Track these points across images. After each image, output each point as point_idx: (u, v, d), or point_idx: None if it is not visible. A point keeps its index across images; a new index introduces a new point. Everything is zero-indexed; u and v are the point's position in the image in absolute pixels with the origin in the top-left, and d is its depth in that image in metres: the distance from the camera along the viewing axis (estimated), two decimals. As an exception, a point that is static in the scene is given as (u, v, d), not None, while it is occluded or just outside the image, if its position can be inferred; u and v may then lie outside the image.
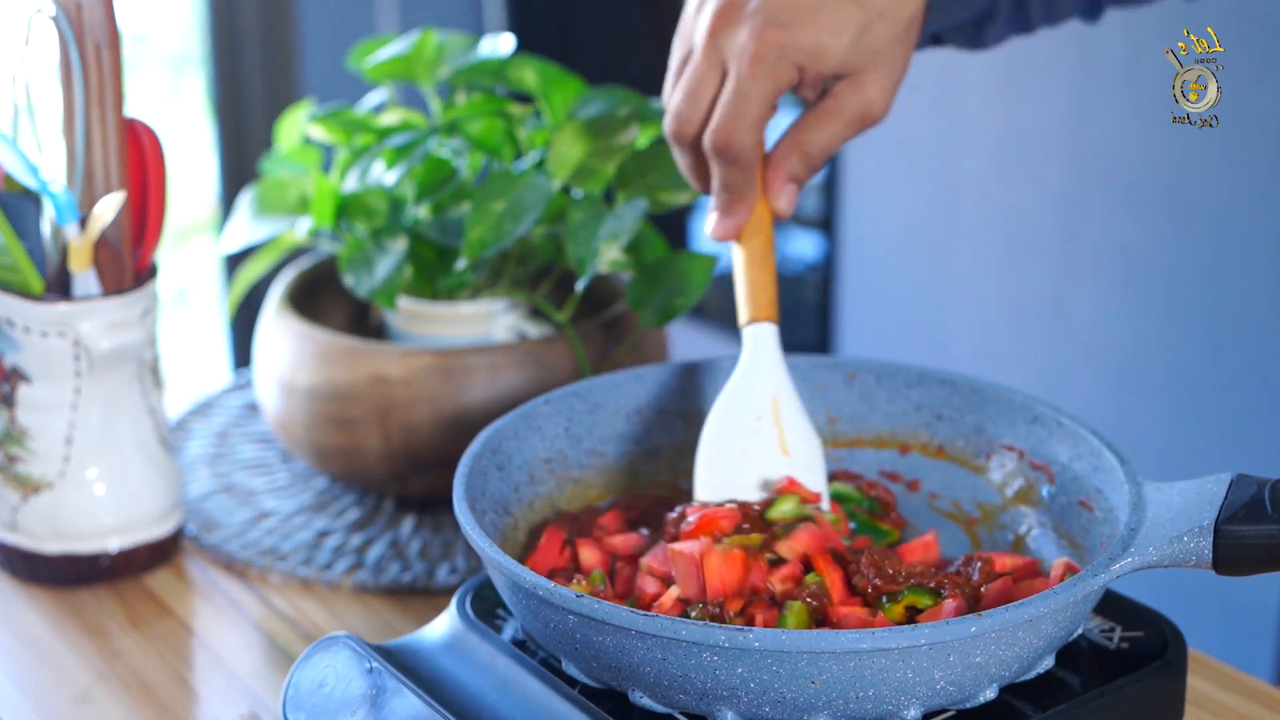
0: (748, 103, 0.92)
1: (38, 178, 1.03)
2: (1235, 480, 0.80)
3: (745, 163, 0.94)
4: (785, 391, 0.94)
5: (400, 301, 1.20)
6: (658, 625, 0.74)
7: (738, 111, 0.92)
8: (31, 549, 1.10)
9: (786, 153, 0.95)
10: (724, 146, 0.93)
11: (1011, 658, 0.77)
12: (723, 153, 0.94)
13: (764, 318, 0.95)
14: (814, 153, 0.95)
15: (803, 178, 0.95)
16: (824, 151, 0.95)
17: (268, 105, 2.89)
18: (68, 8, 1.04)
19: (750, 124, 0.93)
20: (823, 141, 0.95)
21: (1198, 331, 2.15)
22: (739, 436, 0.93)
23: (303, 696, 0.85)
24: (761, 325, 0.95)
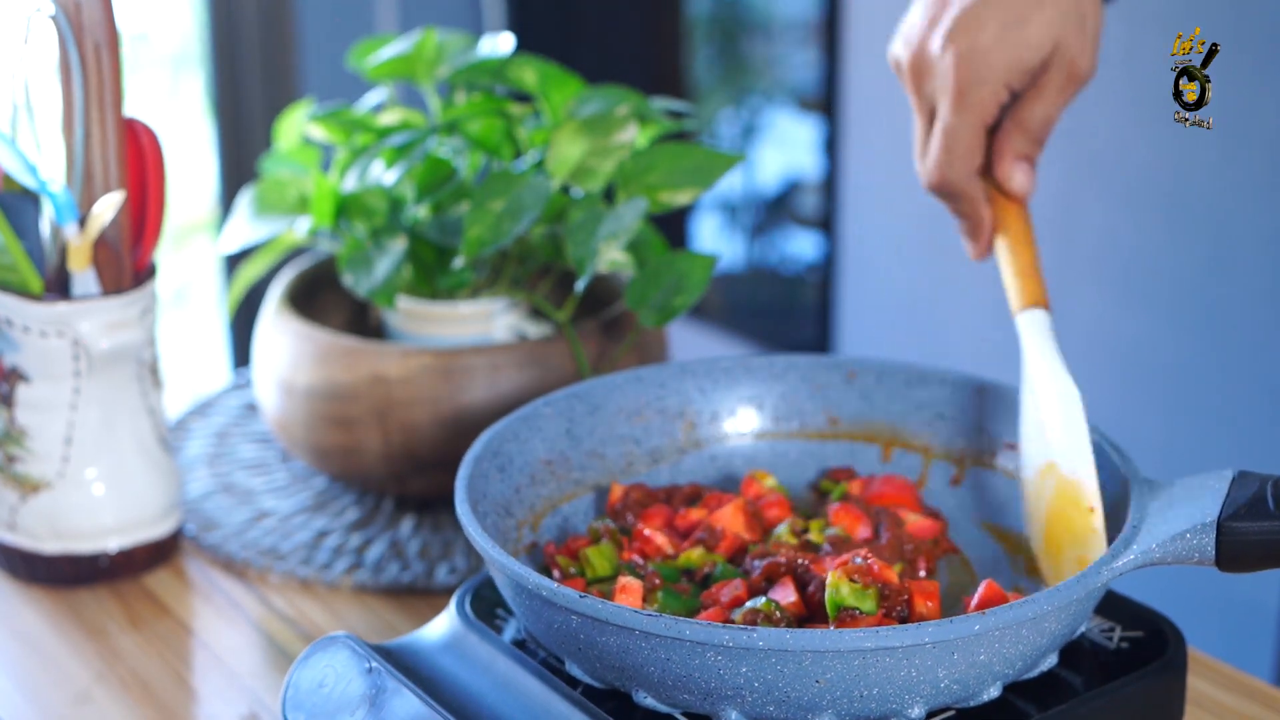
0: (954, 140, 0.97)
1: (37, 177, 1.03)
2: (1237, 477, 0.80)
3: (965, 195, 0.98)
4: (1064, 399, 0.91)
5: (400, 301, 1.20)
6: (662, 625, 0.74)
7: (946, 149, 0.97)
8: (31, 549, 1.10)
9: (1009, 135, 0.98)
10: (938, 186, 0.98)
11: (1015, 655, 0.77)
12: (940, 191, 0.98)
13: (1030, 304, 0.96)
14: (1035, 127, 0.97)
15: (1031, 153, 0.98)
16: (1044, 123, 0.97)
17: (268, 105, 2.89)
18: (67, 7, 1.04)
19: (959, 158, 0.97)
20: (1041, 114, 0.97)
21: (1197, 329, 2.15)
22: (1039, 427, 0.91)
23: (302, 696, 0.85)
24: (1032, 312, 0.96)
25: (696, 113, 1.56)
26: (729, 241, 3.22)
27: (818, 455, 1.01)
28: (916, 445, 0.99)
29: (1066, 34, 0.96)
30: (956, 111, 0.96)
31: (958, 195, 0.98)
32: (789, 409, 1.02)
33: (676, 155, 1.14)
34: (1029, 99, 0.97)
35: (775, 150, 3.12)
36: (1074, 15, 0.96)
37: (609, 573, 0.88)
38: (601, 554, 0.89)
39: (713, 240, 3.20)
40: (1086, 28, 0.97)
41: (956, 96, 0.96)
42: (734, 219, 3.22)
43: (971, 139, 0.97)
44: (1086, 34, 0.97)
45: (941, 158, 0.97)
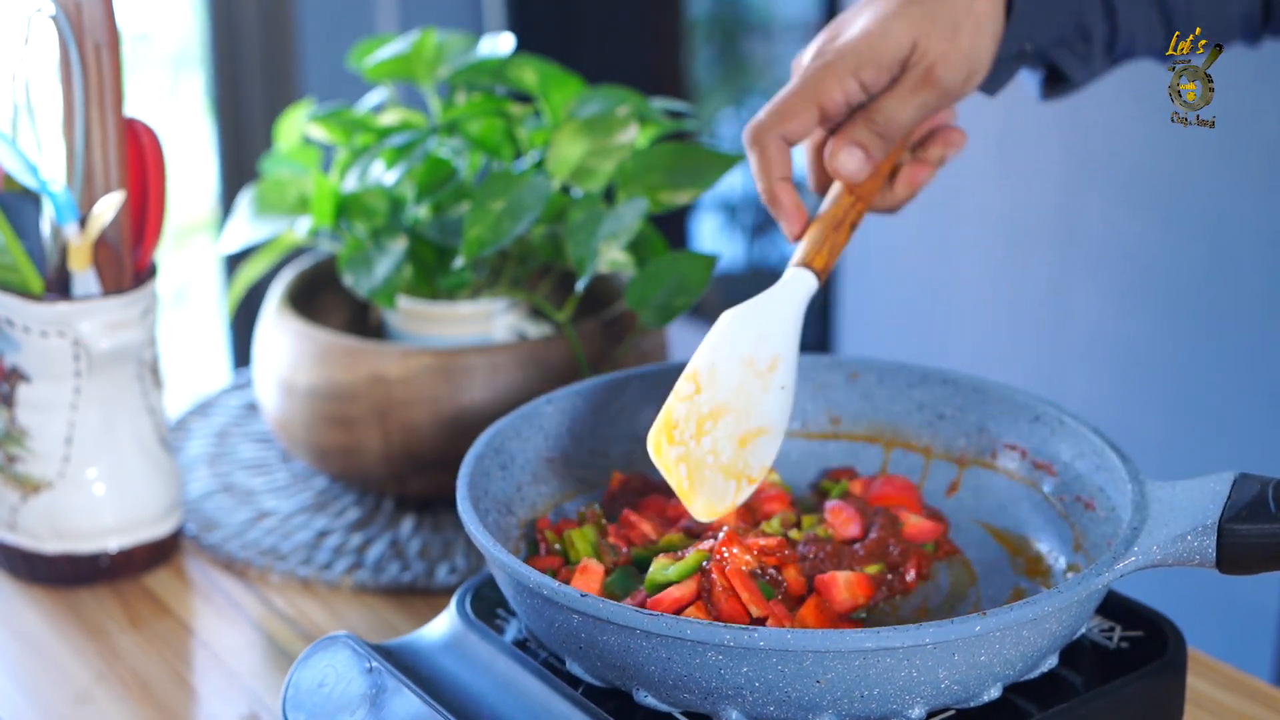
0: (779, 100, 0.96)
1: (37, 177, 1.03)
2: (1238, 479, 0.80)
3: (764, 157, 0.97)
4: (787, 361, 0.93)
5: (400, 301, 1.20)
6: (662, 624, 0.74)
7: (769, 110, 0.97)
8: (31, 549, 1.10)
9: (853, 121, 0.98)
10: (746, 137, 0.97)
11: (1015, 656, 0.77)
12: (746, 142, 0.98)
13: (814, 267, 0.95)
14: (879, 120, 0.97)
15: (868, 144, 0.97)
16: (890, 119, 0.97)
17: (268, 105, 2.89)
18: (67, 8, 1.04)
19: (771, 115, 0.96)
20: (889, 109, 0.97)
21: (1198, 330, 2.15)
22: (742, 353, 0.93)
23: (303, 696, 0.85)
24: (807, 272, 0.95)
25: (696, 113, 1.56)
26: (729, 241, 3.22)
27: (819, 455, 1.01)
28: (917, 445, 0.99)
29: (931, 37, 0.96)
30: (795, 83, 0.97)
31: (756, 146, 0.97)
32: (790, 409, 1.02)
33: (676, 155, 1.14)
34: (882, 94, 0.97)
35: (775, 150, 3.11)
36: (945, 20, 0.96)
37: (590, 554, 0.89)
38: (583, 537, 0.90)
39: (713, 240, 3.20)
40: (959, 38, 0.96)
41: (803, 73, 0.97)
42: (734, 219, 3.21)
43: (794, 105, 0.96)
44: (957, 44, 0.96)
45: (760, 112, 0.97)
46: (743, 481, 0.91)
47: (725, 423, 0.91)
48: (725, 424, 0.91)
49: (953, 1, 0.96)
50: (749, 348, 0.92)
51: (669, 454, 0.90)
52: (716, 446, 0.91)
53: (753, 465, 0.91)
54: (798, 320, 0.93)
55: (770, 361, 0.92)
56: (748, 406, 0.91)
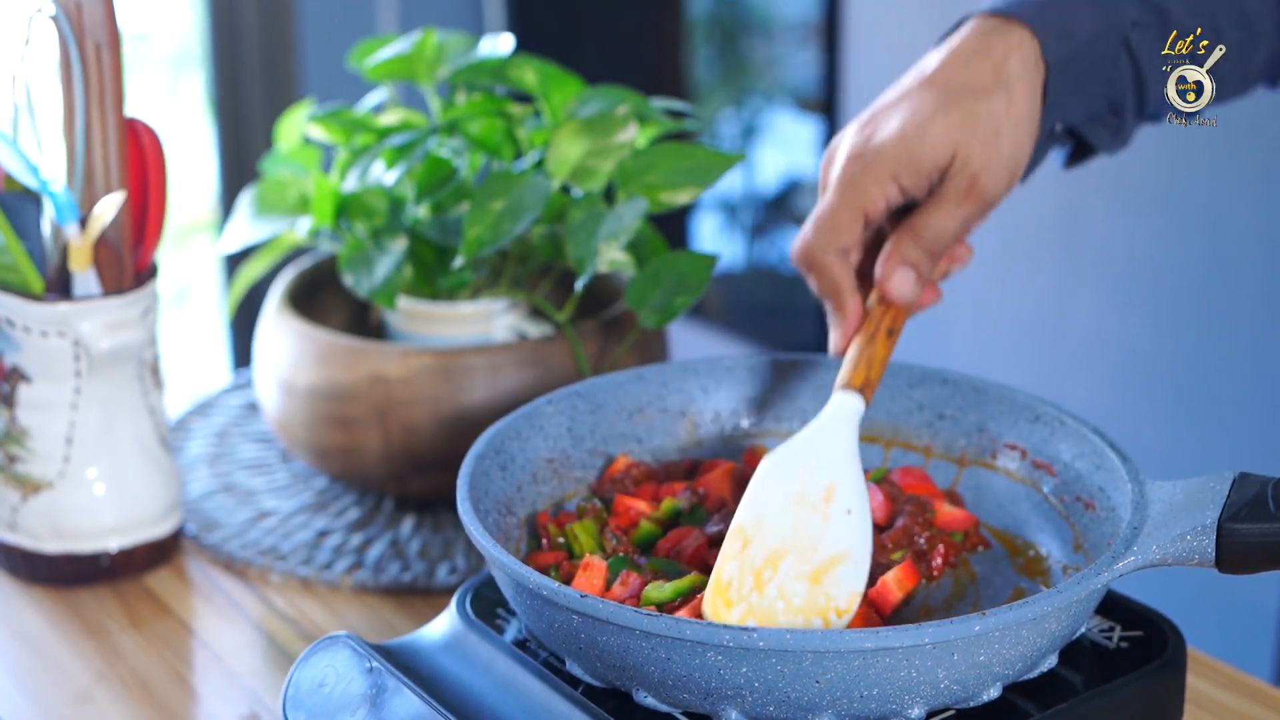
0: (825, 216, 0.94)
1: (38, 177, 1.03)
2: (1238, 479, 0.80)
3: (828, 276, 0.95)
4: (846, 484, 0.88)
5: (400, 301, 1.20)
6: (662, 625, 0.74)
7: (814, 223, 0.94)
8: (32, 549, 1.10)
9: (900, 238, 0.95)
10: (798, 257, 0.95)
11: (1015, 656, 0.77)
12: (799, 263, 0.95)
13: (854, 387, 0.91)
14: (927, 236, 0.94)
15: (919, 264, 0.94)
16: (938, 236, 0.94)
17: (268, 105, 2.89)
18: (68, 8, 1.04)
19: (823, 235, 0.94)
20: (936, 225, 0.94)
21: (1198, 330, 2.15)
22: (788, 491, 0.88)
23: (303, 696, 0.85)
24: (850, 394, 0.91)
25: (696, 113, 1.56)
26: (729, 241, 3.22)
27: (818, 455, 1.01)
28: (917, 445, 0.99)
29: (970, 144, 0.93)
30: (837, 192, 0.94)
31: (814, 268, 0.95)
32: (791, 409, 1.02)
33: (676, 155, 1.14)
34: (925, 206, 0.94)
35: (775, 150, 3.12)
36: (984, 128, 0.93)
37: (594, 548, 0.89)
38: (586, 530, 0.90)
39: (713, 240, 3.20)
40: (999, 146, 0.93)
41: (841, 180, 0.94)
42: (734, 219, 3.21)
43: (843, 218, 0.94)
44: (999, 151, 0.93)
45: (809, 230, 0.94)
46: (829, 614, 0.84)
47: (787, 566, 0.85)
48: (787, 567, 0.85)
49: (991, 101, 0.93)
50: (796, 485, 0.88)
51: (730, 617, 0.83)
52: (784, 591, 0.85)
53: (837, 597, 0.84)
54: (849, 443, 0.89)
55: (825, 491, 0.87)
56: (811, 543, 0.86)
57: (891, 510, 0.92)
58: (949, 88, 0.94)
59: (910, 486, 0.95)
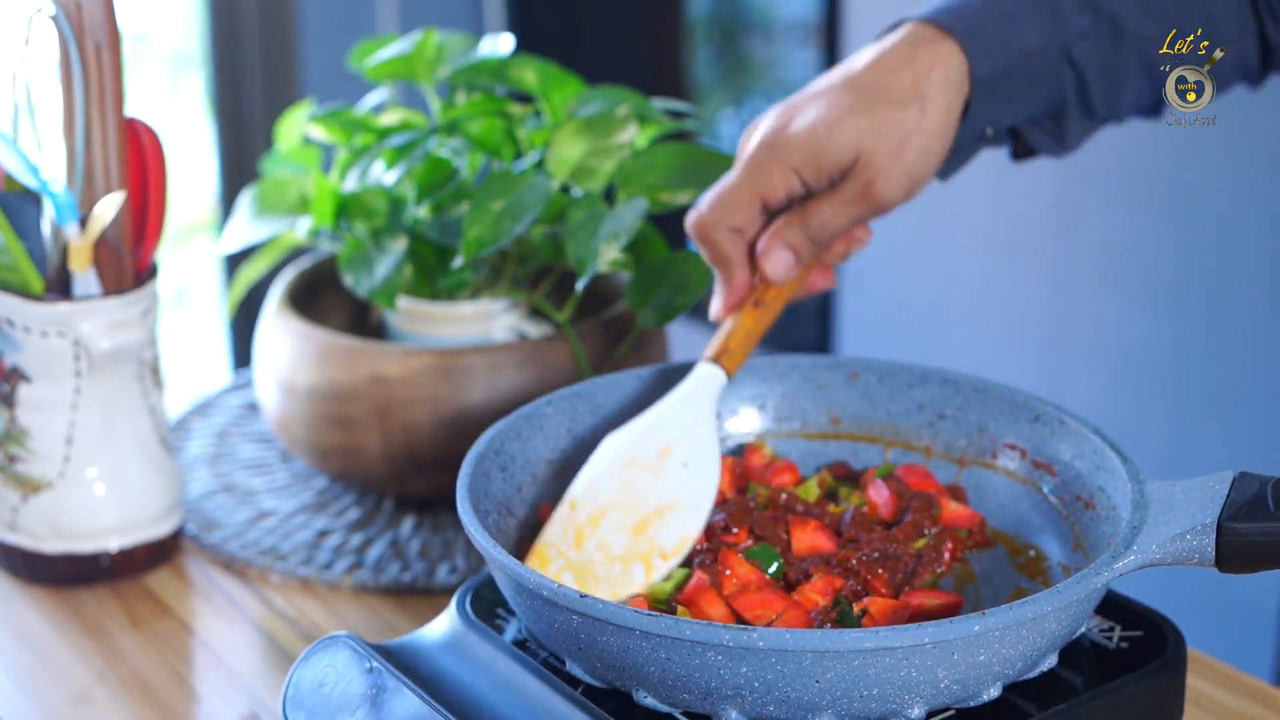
0: (724, 193, 0.96)
1: (38, 177, 1.03)
2: (1238, 478, 0.80)
3: (717, 250, 0.97)
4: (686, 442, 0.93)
5: (400, 301, 1.20)
6: (661, 625, 0.74)
7: (713, 203, 0.97)
8: (32, 549, 1.10)
9: (787, 222, 0.97)
10: (692, 228, 0.98)
11: (1015, 656, 0.77)
12: (692, 234, 0.98)
13: (719, 361, 0.96)
14: (813, 225, 0.96)
15: (799, 248, 0.97)
16: (824, 227, 0.96)
17: (268, 105, 2.89)
18: (68, 8, 1.04)
19: (719, 210, 0.96)
20: (823, 217, 0.96)
21: (1198, 330, 2.15)
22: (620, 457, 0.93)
23: (303, 696, 0.85)
24: (707, 365, 0.96)
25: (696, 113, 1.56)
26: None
27: (819, 455, 1.01)
28: (918, 445, 0.99)
29: (875, 151, 0.95)
30: (740, 172, 0.96)
31: (706, 243, 0.97)
32: (791, 409, 1.02)
33: (677, 155, 1.14)
34: (819, 198, 0.97)
35: (775, 150, 3.11)
36: (891, 137, 0.95)
37: None
38: None
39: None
40: (903, 156, 0.95)
41: (748, 162, 0.96)
42: (734, 219, 3.21)
43: (740, 196, 0.96)
44: (901, 162, 0.95)
45: (704, 204, 0.97)
46: (653, 559, 0.89)
47: (609, 521, 0.90)
48: (610, 522, 0.90)
49: (905, 111, 0.95)
50: (630, 451, 0.92)
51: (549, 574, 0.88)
52: (603, 544, 0.89)
53: (662, 542, 0.89)
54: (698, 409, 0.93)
55: (659, 451, 0.92)
56: (639, 498, 0.91)
57: (898, 506, 0.92)
58: (868, 92, 0.96)
59: (914, 484, 0.95)
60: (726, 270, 0.98)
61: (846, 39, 2.62)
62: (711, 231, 0.97)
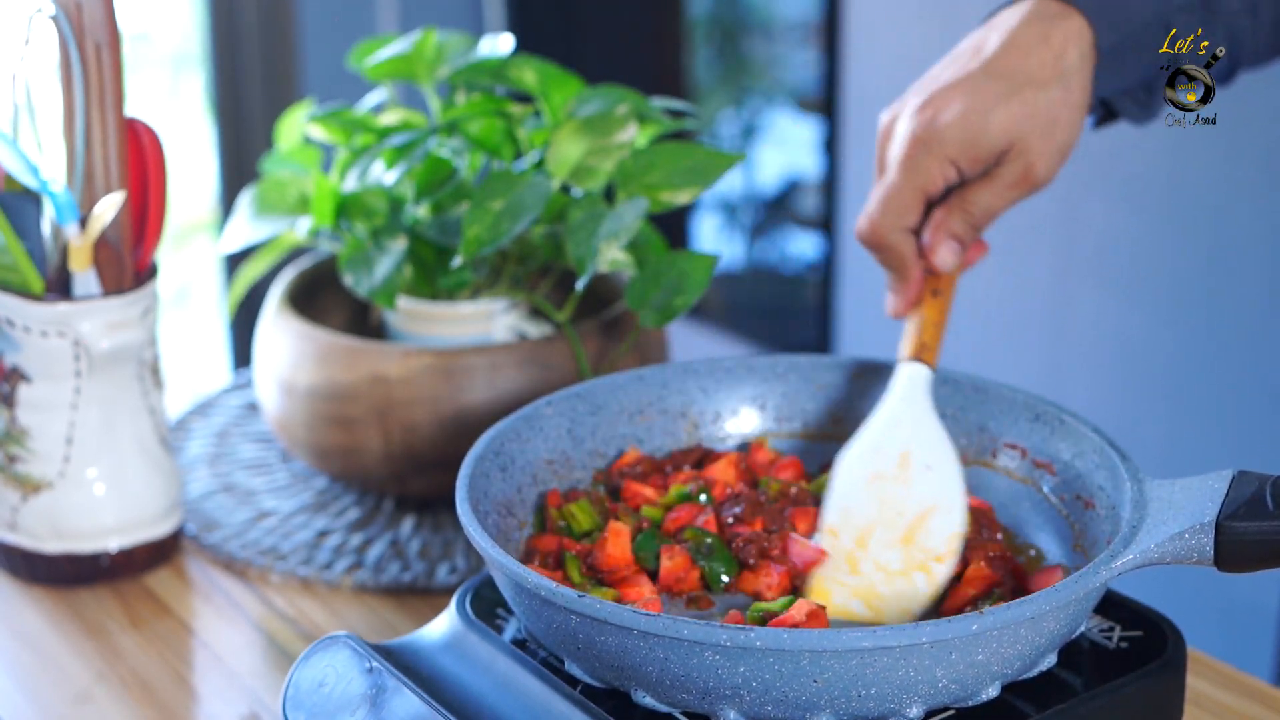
0: (890, 197, 0.98)
1: (38, 177, 1.03)
2: (1236, 477, 0.80)
3: (891, 248, 0.99)
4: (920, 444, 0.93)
5: (400, 301, 1.20)
6: (659, 625, 0.74)
7: (881, 204, 0.98)
8: (32, 549, 1.10)
9: (949, 212, 0.99)
10: (866, 237, 0.99)
11: (1014, 655, 0.77)
12: (867, 242, 1.00)
13: (920, 358, 0.97)
14: (976, 213, 0.99)
15: (963, 236, 0.99)
16: (986, 212, 0.99)
17: (268, 105, 2.89)
18: (68, 8, 1.04)
19: (890, 215, 0.98)
20: (985, 203, 0.99)
21: (1198, 329, 2.15)
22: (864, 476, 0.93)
23: (303, 696, 0.85)
24: (909, 364, 0.97)
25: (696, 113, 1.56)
26: (729, 241, 3.22)
27: (820, 455, 1.01)
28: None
29: (1029, 135, 0.97)
30: (900, 173, 0.98)
31: (883, 248, 0.99)
32: (792, 409, 1.02)
33: (676, 155, 1.14)
34: (977, 185, 0.99)
35: (775, 150, 3.12)
36: (1043, 119, 0.97)
37: (593, 526, 0.91)
38: (583, 509, 0.91)
39: (713, 240, 3.20)
40: (1055, 136, 0.97)
41: (905, 160, 0.98)
42: (734, 219, 3.22)
43: (907, 199, 0.98)
44: (1053, 142, 0.98)
45: (875, 211, 0.99)
46: (930, 564, 0.88)
47: (877, 540, 0.90)
48: (878, 541, 0.90)
49: (1050, 92, 0.97)
50: (871, 468, 0.92)
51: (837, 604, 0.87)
52: (880, 563, 0.89)
53: (934, 547, 0.89)
54: (919, 409, 0.94)
55: (899, 460, 0.92)
56: (897, 511, 0.90)
57: None
58: (1011, 76, 0.97)
59: None
60: (904, 270, 1.00)
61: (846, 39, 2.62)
62: (887, 237, 0.99)
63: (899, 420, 0.94)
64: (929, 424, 0.94)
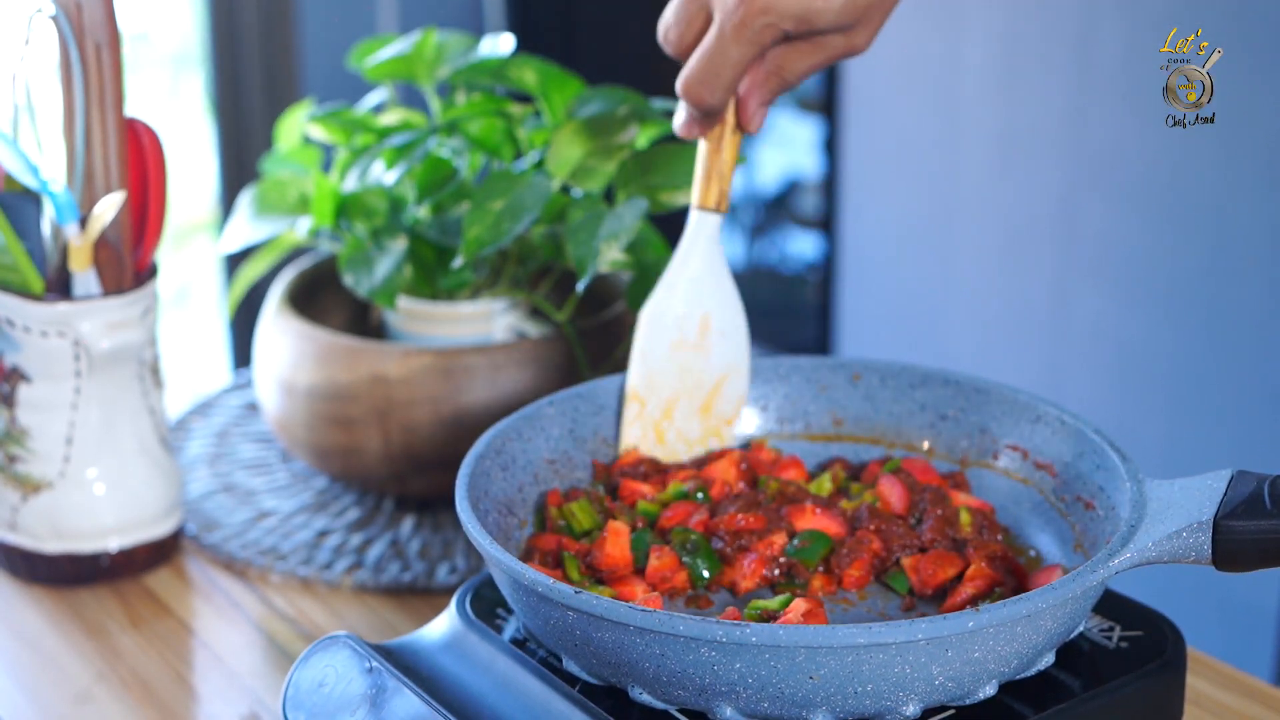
0: (723, 63, 0.93)
1: (38, 177, 1.03)
2: (1235, 476, 0.80)
3: (714, 112, 0.96)
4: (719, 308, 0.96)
5: (400, 301, 1.20)
6: (655, 621, 0.74)
7: (712, 70, 0.94)
8: (32, 549, 1.10)
9: (766, 78, 0.96)
10: (693, 100, 0.96)
11: (1010, 654, 0.77)
12: (691, 103, 0.96)
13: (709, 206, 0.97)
14: (792, 79, 0.97)
15: (774, 100, 0.97)
16: (801, 78, 0.97)
17: (268, 105, 2.88)
18: (68, 8, 1.04)
19: (722, 85, 0.94)
20: (803, 70, 0.96)
21: (1197, 329, 2.15)
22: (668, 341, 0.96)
23: (303, 696, 0.85)
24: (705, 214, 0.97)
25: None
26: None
27: (821, 456, 1.01)
28: (919, 446, 1.00)
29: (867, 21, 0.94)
30: (736, 39, 0.92)
31: (704, 109, 0.95)
32: (793, 410, 1.02)
33: (677, 155, 1.14)
34: (797, 52, 0.95)
35: (775, 150, 3.12)
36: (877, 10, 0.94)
37: (592, 525, 0.91)
38: (582, 509, 0.92)
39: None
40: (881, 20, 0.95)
41: (741, 23, 0.92)
42: (734, 219, 3.22)
43: (739, 71, 0.94)
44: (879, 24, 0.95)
45: (707, 77, 0.94)
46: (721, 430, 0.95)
47: (679, 411, 0.95)
48: (680, 411, 0.95)
49: None
50: (675, 331, 0.96)
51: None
52: (681, 433, 0.95)
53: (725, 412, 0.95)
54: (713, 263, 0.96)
55: (700, 325, 0.95)
56: (698, 380, 0.96)
57: (910, 500, 0.93)
58: None
59: (919, 477, 0.95)
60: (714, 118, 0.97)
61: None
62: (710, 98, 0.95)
63: (700, 281, 0.96)
64: (727, 284, 0.97)
